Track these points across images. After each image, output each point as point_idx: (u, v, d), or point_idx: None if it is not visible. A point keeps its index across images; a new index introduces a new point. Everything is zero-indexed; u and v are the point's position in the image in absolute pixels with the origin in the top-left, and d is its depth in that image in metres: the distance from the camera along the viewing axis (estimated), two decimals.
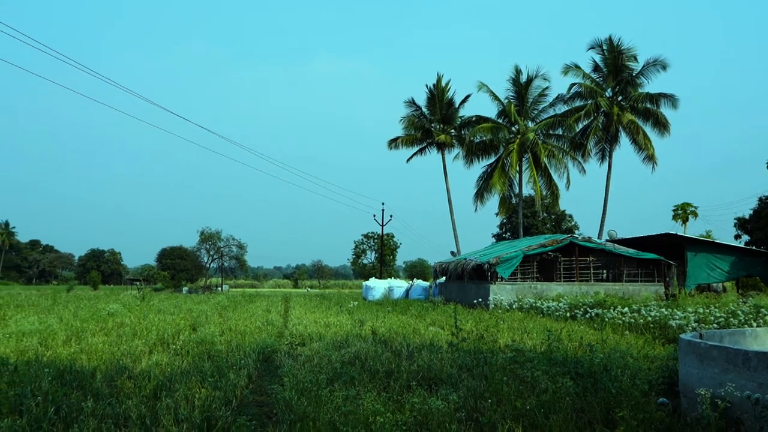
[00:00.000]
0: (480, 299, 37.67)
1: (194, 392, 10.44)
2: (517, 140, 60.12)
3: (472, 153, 64.54)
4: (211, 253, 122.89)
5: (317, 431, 8.06)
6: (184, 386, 10.84)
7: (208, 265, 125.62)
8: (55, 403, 9.26)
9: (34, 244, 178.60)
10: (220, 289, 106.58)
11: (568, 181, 60.20)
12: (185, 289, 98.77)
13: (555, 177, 60.70)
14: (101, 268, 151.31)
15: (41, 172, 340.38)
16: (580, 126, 60.40)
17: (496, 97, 62.67)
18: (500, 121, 63.13)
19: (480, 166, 65.16)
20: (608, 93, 59.32)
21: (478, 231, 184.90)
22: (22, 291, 71.08)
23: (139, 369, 12.82)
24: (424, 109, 69.67)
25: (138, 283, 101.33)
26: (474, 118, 65.52)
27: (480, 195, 63.41)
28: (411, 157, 71.26)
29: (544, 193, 61.81)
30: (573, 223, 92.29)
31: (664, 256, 39.91)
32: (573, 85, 60.16)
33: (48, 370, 11.77)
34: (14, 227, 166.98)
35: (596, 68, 59.53)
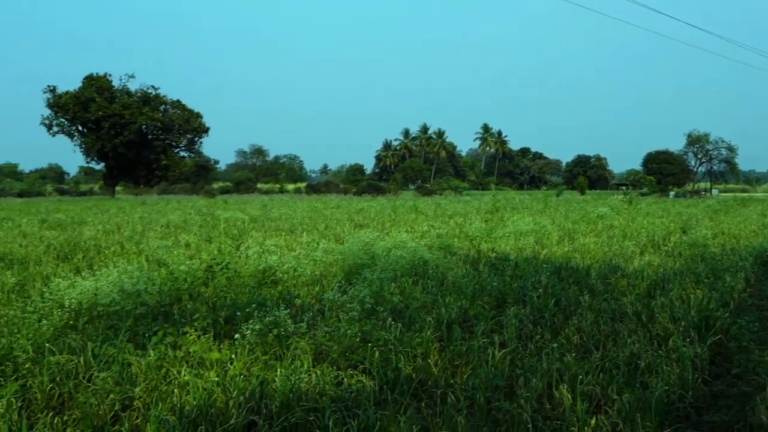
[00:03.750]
0: None
1: (688, 292, 10.26)
2: None
3: None
4: (698, 156, 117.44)
5: None
6: (677, 286, 10.72)
7: (695, 169, 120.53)
8: (554, 296, 9.85)
9: (525, 151, 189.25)
10: (708, 193, 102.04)
11: None
12: (672, 193, 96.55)
13: None
14: (587, 174, 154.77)
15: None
16: None
17: None
18: None
19: None
20: None
21: None
22: (515, 195, 76.08)
23: (632, 268, 12.96)
24: None
25: (624, 187, 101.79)
26: None
27: None
28: None
29: None
30: None
31: None
32: None
33: (546, 266, 12.49)
34: (506, 136, 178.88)
35: None
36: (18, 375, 6.30)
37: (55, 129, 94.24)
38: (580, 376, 6.23)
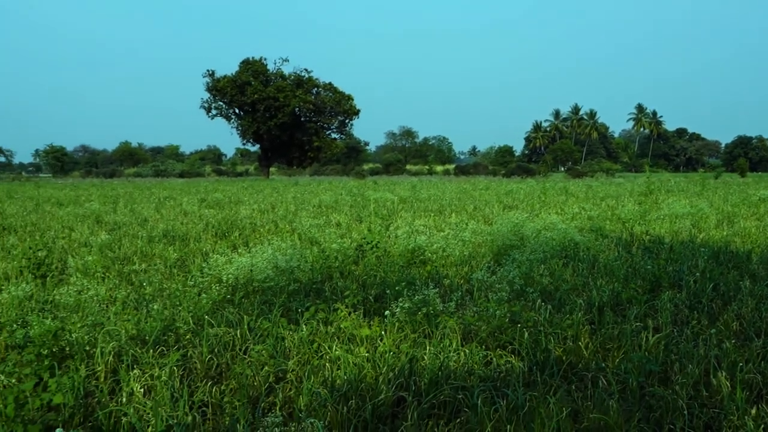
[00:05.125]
0: None
1: None
2: None
3: None
4: None
5: None
6: None
7: None
8: (712, 281, 9.46)
9: (681, 132, 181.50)
10: None
11: None
12: None
13: None
14: (749, 155, 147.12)
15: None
16: None
17: None
18: None
19: None
20: None
21: None
22: (670, 178, 73.18)
23: None
24: None
25: None
26: None
27: None
28: None
29: None
30: None
31: None
32: None
33: (703, 250, 12.01)
34: (662, 116, 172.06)
35: None
36: (179, 345, 6.72)
37: (214, 112, 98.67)
38: (740, 364, 5.97)
